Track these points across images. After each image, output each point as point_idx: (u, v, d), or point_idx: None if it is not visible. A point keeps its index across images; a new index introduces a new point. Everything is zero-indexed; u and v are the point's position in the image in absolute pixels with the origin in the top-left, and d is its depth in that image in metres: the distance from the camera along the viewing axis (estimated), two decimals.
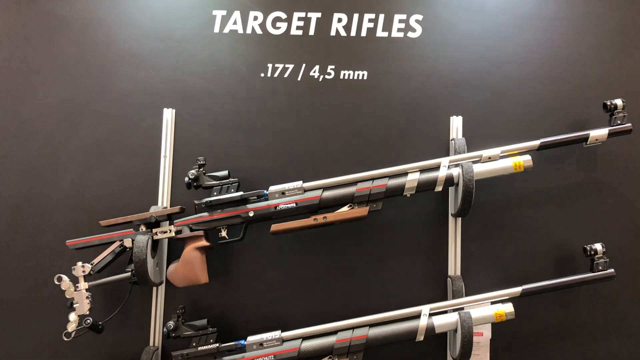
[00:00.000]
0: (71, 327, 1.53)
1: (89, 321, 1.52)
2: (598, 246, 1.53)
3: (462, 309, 1.52)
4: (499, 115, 1.71)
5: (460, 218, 1.67)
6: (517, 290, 1.52)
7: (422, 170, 1.56)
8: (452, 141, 1.67)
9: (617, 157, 1.68)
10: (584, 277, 1.53)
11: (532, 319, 1.65)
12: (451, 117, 1.71)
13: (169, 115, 1.74)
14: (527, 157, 1.55)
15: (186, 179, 1.57)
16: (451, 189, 1.67)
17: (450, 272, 1.66)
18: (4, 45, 1.78)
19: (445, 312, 1.54)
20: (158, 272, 1.64)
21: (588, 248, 1.54)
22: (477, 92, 1.72)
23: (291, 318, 1.68)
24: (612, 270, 1.52)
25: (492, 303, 1.52)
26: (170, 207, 1.68)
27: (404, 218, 1.69)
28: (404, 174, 1.56)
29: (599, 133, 1.57)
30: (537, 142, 1.57)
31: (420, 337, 1.49)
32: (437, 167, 1.56)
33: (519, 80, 1.73)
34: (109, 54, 1.77)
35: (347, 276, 1.70)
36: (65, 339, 1.51)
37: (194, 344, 1.54)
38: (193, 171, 1.57)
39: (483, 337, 1.62)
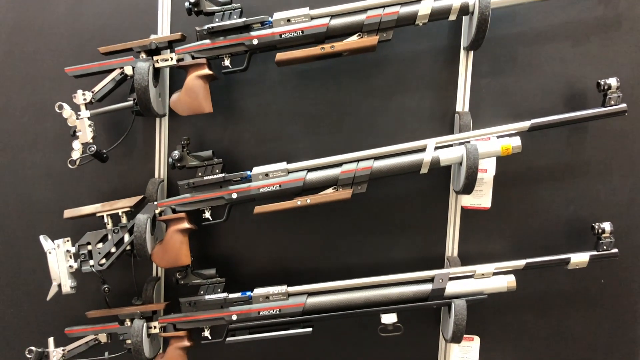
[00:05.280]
0: (75, 154, 1.52)
1: (93, 148, 1.51)
2: (612, 81, 1.49)
3: (469, 142, 1.51)
4: None
5: (471, 52, 1.61)
6: (526, 124, 1.49)
7: None
8: None
9: None
10: (595, 111, 1.50)
11: (537, 157, 1.64)
12: None
13: None
14: None
15: (186, 3, 1.48)
16: (465, 20, 1.59)
17: (459, 108, 1.63)
18: None
19: (451, 146, 1.53)
20: (161, 102, 1.61)
21: (602, 82, 1.50)
22: None
23: (296, 153, 1.67)
24: (624, 105, 1.49)
25: (500, 137, 1.51)
26: None
27: (413, 52, 1.63)
28: (417, 0, 1.47)
29: None
30: None
31: (425, 170, 1.50)
32: None
33: None
34: None
35: (353, 112, 1.67)
36: (70, 167, 1.52)
37: (199, 174, 1.55)
38: None
39: (487, 173, 1.62)
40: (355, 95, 1.66)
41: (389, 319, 1.51)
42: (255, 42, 1.49)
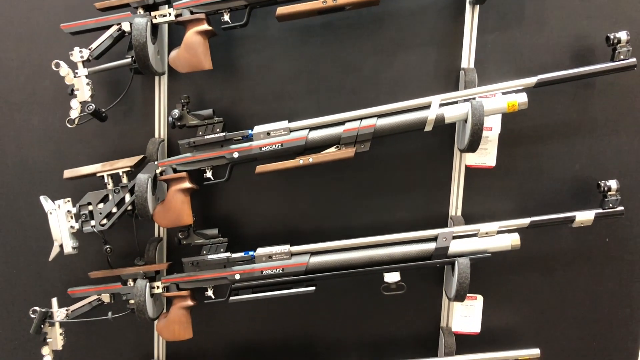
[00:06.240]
0: (73, 113, 1.50)
1: (91, 107, 1.48)
2: (622, 34, 1.44)
3: (474, 99, 1.48)
4: None
5: (477, 7, 1.56)
6: (532, 80, 1.46)
7: None
8: None
9: None
10: (603, 66, 1.46)
11: (543, 114, 1.61)
12: None
13: None
14: None
15: None
16: None
17: (464, 64, 1.59)
18: None
19: (456, 103, 1.50)
20: (159, 60, 1.57)
21: (611, 36, 1.46)
22: None
23: (298, 111, 1.64)
24: (634, 59, 1.45)
25: (505, 94, 1.48)
26: None
27: (418, 6, 1.59)
28: None
29: None
30: None
31: (429, 128, 1.47)
32: None
33: None
34: None
35: (356, 69, 1.63)
36: (69, 126, 1.50)
37: (200, 133, 1.53)
38: None
39: (492, 131, 1.60)
40: (358, 51, 1.63)
41: (392, 277, 1.51)
42: None
